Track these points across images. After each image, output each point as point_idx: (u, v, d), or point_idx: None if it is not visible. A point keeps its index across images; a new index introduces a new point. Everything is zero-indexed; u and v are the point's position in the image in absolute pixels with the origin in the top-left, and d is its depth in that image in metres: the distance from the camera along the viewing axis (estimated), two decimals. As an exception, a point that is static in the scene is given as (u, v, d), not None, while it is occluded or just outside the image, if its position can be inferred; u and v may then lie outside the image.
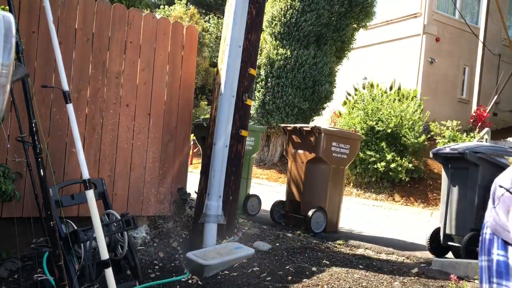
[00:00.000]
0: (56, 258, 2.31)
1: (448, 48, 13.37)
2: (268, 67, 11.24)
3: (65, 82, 2.60)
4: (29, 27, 3.42)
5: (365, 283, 3.17)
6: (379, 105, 10.02)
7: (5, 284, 2.98)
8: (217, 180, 3.88)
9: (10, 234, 2.93)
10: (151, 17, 4.10)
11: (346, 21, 11.21)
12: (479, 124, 10.89)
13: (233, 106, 3.97)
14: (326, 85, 11.25)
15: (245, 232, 4.52)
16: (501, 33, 13.54)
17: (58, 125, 3.57)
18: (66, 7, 3.60)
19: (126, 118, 3.91)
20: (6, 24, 1.22)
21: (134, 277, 3.06)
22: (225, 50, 4.00)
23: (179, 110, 4.25)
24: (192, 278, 3.32)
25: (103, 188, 3.13)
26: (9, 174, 2.96)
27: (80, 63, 3.68)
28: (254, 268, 3.47)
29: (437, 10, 13.34)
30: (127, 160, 3.91)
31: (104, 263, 2.50)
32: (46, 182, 2.32)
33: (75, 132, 2.59)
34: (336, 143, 5.28)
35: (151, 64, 4.06)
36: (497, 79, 13.49)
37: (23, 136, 2.36)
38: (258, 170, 12.00)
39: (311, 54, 10.97)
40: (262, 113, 11.45)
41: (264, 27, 10.97)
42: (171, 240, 4.00)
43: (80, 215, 3.55)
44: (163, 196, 4.12)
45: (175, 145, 4.22)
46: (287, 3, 10.97)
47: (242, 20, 3.96)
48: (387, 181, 9.56)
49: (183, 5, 18.87)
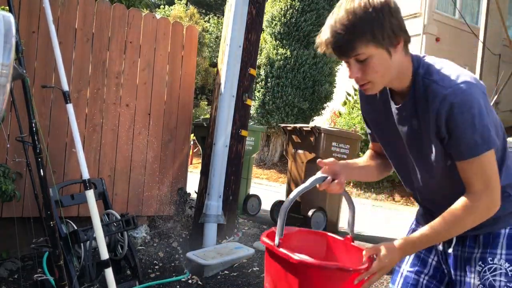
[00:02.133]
0: (56, 258, 2.31)
1: (448, 48, 13.37)
2: (268, 67, 11.23)
3: (65, 82, 2.60)
4: (29, 27, 3.42)
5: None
6: (379, 105, 10.02)
7: (5, 284, 2.98)
8: (217, 180, 3.88)
9: (10, 234, 2.93)
10: (151, 17, 4.10)
11: (346, 21, 11.19)
12: (479, 124, 10.89)
13: (233, 106, 3.97)
14: (326, 85, 11.25)
15: (245, 232, 4.52)
16: (501, 33, 13.54)
17: (58, 125, 3.57)
18: (66, 7, 3.60)
19: (126, 118, 3.91)
20: (6, 24, 1.22)
21: (134, 277, 3.06)
22: (225, 50, 4.00)
23: (179, 110, 4.25)
24: (192, 278, 3.32)
25: (103, 188, 3.13)
26: (9, 174, 2.96)
27: (80, 63, 3.68)
28: (254, 268, 3.47)
29: (437, 10, 13.35)
30: (127, 160, 3.91)
31: (104, 263, 2.50)
32: (46, 182, 2.32)
33: (75, 132, 2.59)
34: (336, 143, 5.28)
35: (151, 64, 4.06)
36: (497, 79, 13.49)
37: (23, 136, 2.37)
38: (258, 170, 12.00)
39: (311, 54, 10.97)
40: (262, 113, 11.45)
41: (264, 27, 10.96)
42: (171, 240, 4.00)
43: (80, 215, 3.55)
44: (163, 196, 4.12)
45: (175, 145, 4.22)
46: (287, 3, 10.97)
47: (242, 20, 3.96)
48: (387, 181, 9.56)
49: (183, 5, 18.87)
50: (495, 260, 1.28)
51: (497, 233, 1.29)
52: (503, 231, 1.29)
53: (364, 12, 1.14)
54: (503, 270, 1.26)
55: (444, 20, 13.40)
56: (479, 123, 1.14)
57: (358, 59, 1.19)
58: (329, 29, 1.18)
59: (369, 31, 1.14)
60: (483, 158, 1.17)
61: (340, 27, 1.15)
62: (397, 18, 1.19)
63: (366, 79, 1.22)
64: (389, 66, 1.21)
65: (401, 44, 1.21)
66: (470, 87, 1.16)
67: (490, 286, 1.26)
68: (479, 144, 1.15)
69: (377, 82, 1.23)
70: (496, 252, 1.28)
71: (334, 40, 1.17)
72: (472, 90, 1.16)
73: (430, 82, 1.21)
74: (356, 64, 1.20)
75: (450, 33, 13.51)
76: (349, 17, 1.14)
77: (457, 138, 1.17)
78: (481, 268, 1.29)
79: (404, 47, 1.23)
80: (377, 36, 1.15)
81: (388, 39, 1.17)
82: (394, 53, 1.20)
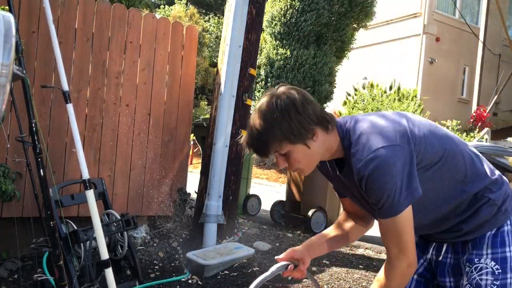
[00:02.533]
0: (56, 258, 2.30)
1: (448, 48, 13.38)
2: (268, 67, 11.23)
3: (65, 82, 2.60)
4: (29, 27, 3.42)
5: (365, 283, 3.17)
6: (379, 105, 10.03)
7: (5, 284, 2.98)
8: (217, 180, 3.88)
9: (10, 234, 2.93)
10: (151, 17, 4.10)
11: (346, 21, 11.20)
12: (479, 124, 10.90)
13: (233, 106, 3.97)
14: (326, 85, 11.25)
15: (245, 232, 4.52)
16: (501, 33, 13.54)
17: (58, 125, 3.57)
18: (66, 7, 3.60)
19: (126, 118, 3.91)
20: (6, 24, 1.22)
21: (134, 277, 3.06)
22: (225, 50, 4.00)
23: (179, 110, 4.25)
24: (192, 278, 3.32)
25: (103, 188, 3.13)
26: (9, 174, 2.96)
27: (80, 63, 3.68)
28: (254, 268, 3.47)
29: (437, 10, 13.35)
30: (127, 160, 3.91)
31: (104, 263, 2.50)
32: (46, 182, 2.32)
33: (75, 132, 2.58)
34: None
35: (151, 64, 4.06)
36: (497, 79, 13.49)
37: (23, 136, 2.36)
38: (258, 170, 12.00)
39: (311, 54, 10.97)
40: (262, 113, 11.43)
41: (264, 27, 10.95)
42: (171, 240, 4.00)
43: (80, 215, 3.55)
44: (163, 196, 4.12)
45: (175, 145, 4.21)
46: (287, 3, 10.97)
47: (242, 20, 3.95)
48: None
49: (183, 5, 18.86)
50: (481, 260, 1.31)
51: (483, 235, 1.33)
52: (488, 233, 1.33)
53: (271, 116, 1.22)
54: (489, 269, 1.30)
55: (444, 20, 13.40)
56: (391, 188, 1.19)
57: (280, 153, 1.27)
58: (248, 133, 1.28)
59: (279, 134, 1.22)
60: (397, 220, 1.22)
61: (254, 132, 1.25)
62: (307, 114, 1.25)
63: (294, 168, 1.30)
64: (311, 154, 1.28)
65: (318, 133, 1.27)
66: (380, 155, 1.20)
67: (477, 285, 1.30)
68: (394, 206, 1.20)
69: (305, 168, 1.32)
70: (482, 253, 1.32)
71: (251, 144, 1.27)
72: (382, 157, 1.20)
73: (350, 156, 1.28)
74: (280, 157, 1.28)
75: (450, 33, 13.51)
76: (261, 122, 1.23)
77: (375, 203, 1.24)
78: (468, 269, 1.33)
79: (325, 130, 1.29)
80: (288, 136, 1.23)
81: (301, 136, 1.24)
82: (314, 142, 1.27)
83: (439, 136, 1.31)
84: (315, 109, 1.27)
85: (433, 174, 1.28)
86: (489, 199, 1.31)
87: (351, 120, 1.33)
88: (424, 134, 1.27)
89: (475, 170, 1.33)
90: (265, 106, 1.24)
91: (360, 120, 1.31)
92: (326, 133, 1.29)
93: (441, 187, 1.30)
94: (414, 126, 1.28)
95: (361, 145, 1.24)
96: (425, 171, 1.27)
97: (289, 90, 1.26)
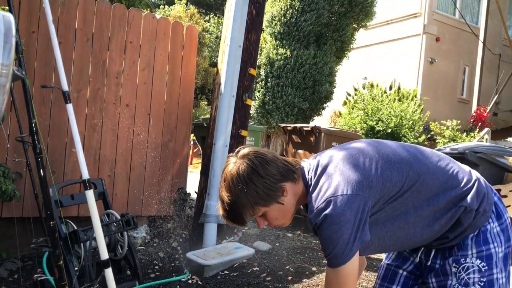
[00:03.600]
0: (56, 258, 2.31)
1: (448, 48, 13.37)
2: (268, 67, 11.22)
3: (64, 82, 2.60)
4: (29, 27, 3.42)
5: (365, 283, 3.17)
6: (379, 105, 10.03)
7: (5, 284, 2.98)
8: (217, 180, 3.87)
9: (10, 234, 2.93)
10: (151, 17, 4.10)
11: (346, 21, 11.19)
12: (479, 124, 10.89)
13: (233, 106, 3.97)
14: (326, 85, 11.24)
15: (245, 232, 4.52)
16: (501, 33, 13.53)
17: (58, 125, 3.57)
18: (66, 7, 3.60)
19: (126, 118, 3.91)
20: (6, 24, 1.22)
21: (134, 277, 3.06)
22: (225, 50, 3.99)
23: (179, 110, 4.25)
24: (192, 278, 3.32)
25: (103, 188, 3.13)
26: (9, 174, 2.96)
27: (80, 63, 3.68)
28: (254, 268, 3.47)
29: (437, 10, 13.34)
30: (127, 160, 3.91)
31: (104, 263, 2.50)
32: (46, 182, 2.32)
33: (75, 132, 2.58)
34: (336, 143, 5.28)
35: (151, 64, 4.06)
36: (497, 79, 13.49)
37: (23, 136, 2.36)
38: (258, 170, 11.98)
39: (311, 54, 10.96)
40: (262, 113, 11.44)
41: (264, 27, 10.96)
42: (171, 240, 4.00)
43: (80, 215, 3.55)
44: (163, 196, 4.12)
45: (175, 145, 4.21)
46: (287, 3, 10.96)
47: (242, 20, 3.95)
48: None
49: (183, 5, 18.86)
50: (467, 260, 1.35)
51: (466, 237, 1.37)
52: (471, 235, 1.37)
53: (236, 188, 1.27)
54: (475, 267, 1.34)
55: (444, 20, 13.39)
56: (338, 238, 1.22)
57: (257, 216, 1.33)
58: (220, 206, 1.34)
59: (248, 202, 1.28)
60: (342, 270, 1.25)
61: (225, 205, 1.31)
62: (270, 175, 1.29)
63: (273, 224, 1.36)
64: (286, 209, 1.34)
65: (286, 189, 1.31)
66: (329, 206, 1.23)
67: (465, 284, 1.34)
68: (339, 257, 1.24)
69: (285, 222, 1.38)
70: (467, 254, 1.36)
71: (226, 216, 1.34)
72: (332, 207, 1.23)
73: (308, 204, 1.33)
74: (258, 218, 1.35)
75: (450, 33, 13.51)
76: (228, 195, 1.30)
77: (324, 252, 1.28)
78: (456, 269, 1.37)
79: (293, 182, 1.33)
80: (258, 202, 1.28)
81: (270, 198, 1.29)
82: (285, 198, 1.32)
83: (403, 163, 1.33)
84: (277, 166, 1.31)
85: (398, 204, 1.32)
86: (465, 207, 1.34)
87: (315, 165, 1.36)
88: (382, 170, 1.30)
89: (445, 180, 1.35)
90: (229, 178, 1.28)
91: (320, 166, 1.34)
92: (295, 184, 1.34)
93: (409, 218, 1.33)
94: (371, 164, 1.30)
95: (317, 193, 1.28)
96: (389, 204, 1.30)
97: (248, 155, 1.30)
